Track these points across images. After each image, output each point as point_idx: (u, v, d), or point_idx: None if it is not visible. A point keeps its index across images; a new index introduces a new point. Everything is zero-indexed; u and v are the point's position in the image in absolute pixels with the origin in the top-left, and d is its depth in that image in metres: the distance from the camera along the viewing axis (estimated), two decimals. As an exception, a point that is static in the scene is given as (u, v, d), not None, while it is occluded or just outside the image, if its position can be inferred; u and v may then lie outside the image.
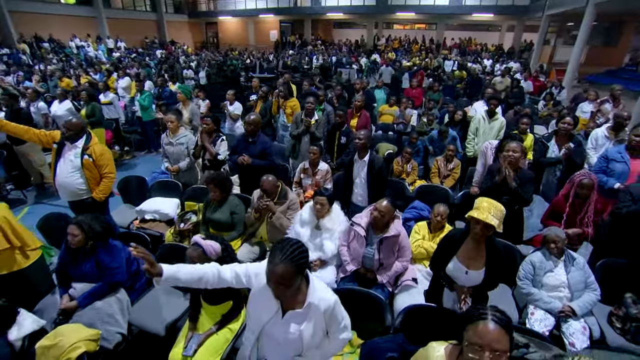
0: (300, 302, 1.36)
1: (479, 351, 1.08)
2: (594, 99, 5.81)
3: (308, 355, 1.39)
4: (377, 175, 2.90)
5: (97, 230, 2.18)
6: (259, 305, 1.41)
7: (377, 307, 2.05)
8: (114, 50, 18.09)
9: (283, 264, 1.21)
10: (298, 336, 1.34)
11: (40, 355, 1.74)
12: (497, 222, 1.68)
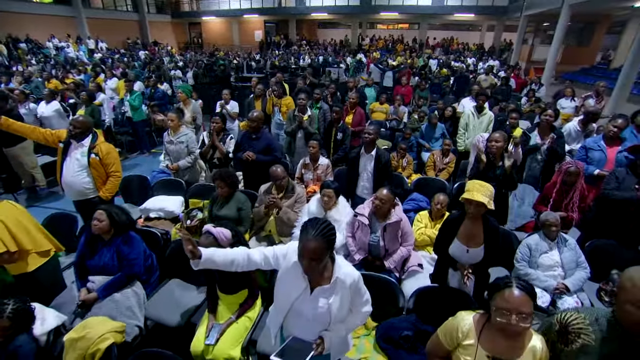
0: (327, 278, 1.45)
1: (507, 315, 1.20)
2: (571, 95, 6.17)
3: (334, 328, 1.49)
4: (384, 168, 3.03)
5: (122, 220, 2.22)
6: (287, 285, 1.49)
7: (390, 290, 2.17)
8: (95, 51, 17.64)
9: (315, 239, 1.30)
10: (327, 310, 1.44)
11: (69, 348, 1.77)
12: (487, 199, 1.85)
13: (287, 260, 1.47)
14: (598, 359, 1.16)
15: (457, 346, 1.38)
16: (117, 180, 3.20)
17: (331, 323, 1.46)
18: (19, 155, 4.65)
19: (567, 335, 1.23)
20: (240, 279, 2.15)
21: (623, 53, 15.14)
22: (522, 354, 1.26)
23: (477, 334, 1.33)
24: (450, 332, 1.40)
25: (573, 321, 1.23)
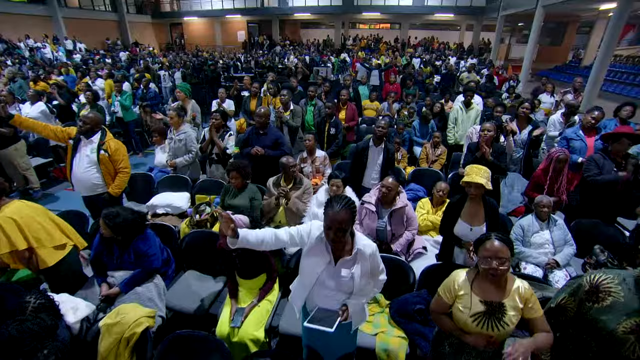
0: (348, 251, 1.59)
1: (489, 261, 1.44)
2: (551, 90, 6.59)
3: (356, 297, 1.64)
4: (391, 160, 3.21)
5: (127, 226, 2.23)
6: (313, 259, 1.62)
7: (400, 269, 2.33)
8: (73, 52, 17.13)
9: (342, 210, 1.45)
10: (350, 279, 1.58)
11: (105, 332, 1.84)
12: (485, 180, 2.08)
13: (311, 237, 1.61)
14: (626, 314, 1.32)
15: (455, 299, 1.57)
16: (126, 176, 3.25)
17: (354, 291, 1.60)
18: (13, 157, 4.57)
19: (597, 294, 1.38)
20: (259, 264, 2.27)
21: (592, 52, 16.02)
22: (508, 295, 1.48)
23: (470, 284, 1.54)
24: (449, 287, 1.59)
25: (603, 281, 1.39)
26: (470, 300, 1.50)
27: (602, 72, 9.66)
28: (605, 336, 1.37)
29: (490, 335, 1.48)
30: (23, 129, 3.19)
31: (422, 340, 2.02)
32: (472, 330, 1.51)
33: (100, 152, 3.08)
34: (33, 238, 2.21)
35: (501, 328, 1.47)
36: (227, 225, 1.44)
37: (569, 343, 1.53)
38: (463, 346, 1.60)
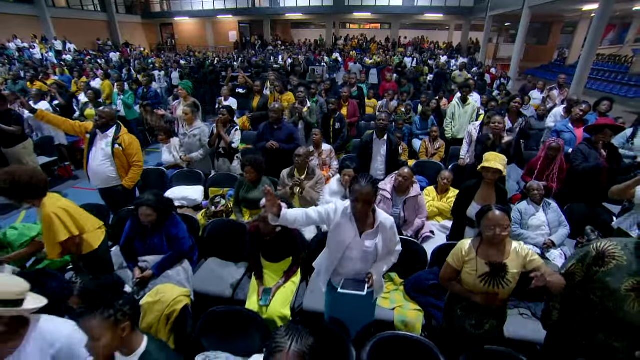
0: (371, 224, 1.77)
1: (492, 229, 1.64)
2: (541, 88, 6.93)
3: (378, 265, 1.83)
4: (395, 151, 3.40)
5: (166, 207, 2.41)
6: (340, 234, 1.78)
7: (413, 250, 2.52)
8: (63, 53, 16.91)
9: (369, 185, 1.64)
10: (374, 249, 1.76)
11: (147, 310, 1.97)
12: (502, 167, 2.29)
13: (337, 215, 1.78)
14: (627, 274, 1.52)
15: (463, 264, 1.76)
16: (139, 170, 3.37)
17: (377, 260, 1.79)
18: (21, 155, 4.60)
19: (603, 259, 1.57)
20: (287, 248, 2.43)
21: (576, 51, 16.60)
22: (509, 256, 1.70)
23: (475, 250, 1.74)
24: (457, 255, 1.79)
25: (609, 248, 1.58)
26: (477, 264, 1.70)
27: (586, 70, 10.08)
28: (610, 295, 1.57)
29: (496, 292, 1.68)
30: (45, 122, 3.29)
31: (436, 311, 2.21)
32: (480, 290, 1.71)
33: (114, 146, 3.20)
34: (82, 224, 2.34)
35: (505, 285, 1.67)
36: (272, 203, 1.59)
37: (577, 304, 1.74)
38: (472, 308, 1.80)
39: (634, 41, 16.22)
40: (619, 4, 10.10)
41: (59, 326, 1.36)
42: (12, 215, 4.54)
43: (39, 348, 1.30)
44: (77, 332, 1.39)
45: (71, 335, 1.36)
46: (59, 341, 1.31)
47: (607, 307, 1.61)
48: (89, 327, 1.20)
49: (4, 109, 4.45)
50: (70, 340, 1.34)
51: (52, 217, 2.14)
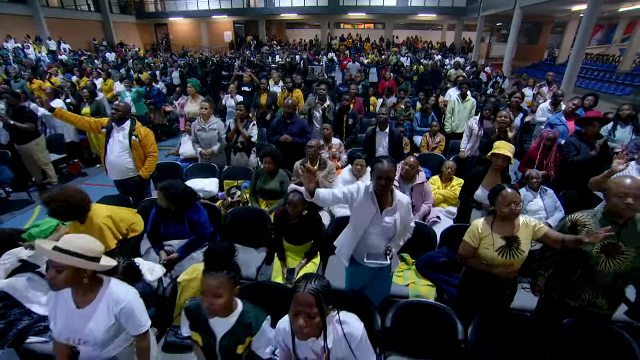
0: (390, 202, 1.97)
1: (507, 205, 1.83)
2: (533, 84, 7.24)
3: (396, 239, 2.03)
4: (397, 143, 3.60)
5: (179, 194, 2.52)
6: (363, 211, 1.97)
7: (423, 232, 2.72)
8: (58, 53, 16.81)
9: (390, 164, 1.85)
10: (393, 225, 1.96)
11: (184, 287, 2.14)
12: (511, 154, 2.49)
13: (360, 194, 1.97)
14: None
15: (479, 241, 1.95)
16: (155, 159, 3.54)
17: (395, 235, 1.99)
18: (34, 152, 4.70)
19: (576, 227, 1.83)
20: (308, 232, 2.61)
21: (565, 50, 17.06)
22: (519, 229, 1.89)
23: (490, 227, 1.93)
24: (473, 233, 1.98)
25: (580, 217, 1.85)
26: (493, 239, 1.90)
27: (575, 69, 10.44)
28: (585, 257, 1.81)
29: (512, 263, 1.88)
30: (64, 120, 3.42)
31: (447, 286, 2.41)
32: (497, 262, 1.90)
33: (132, 138, 3.37)
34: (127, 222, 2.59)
35: (519, 255, 1.88)
36: (310, 179, 1.78)
37: (560, 268, 1.97)
38: (489, 281, 2.00)
39: (621, 41, 16.75)
40: (606, 5, 10.49)
41: (125, 290, 1.52)
42: (27, 210, 4.64)
43: (107, 305, 1.47)
44: (137, 298, 1.56)
45: (133, 299, 1.52)
46: (123, 302, 1.47)
47: (585, 269, 1.84)
48: (214, 285, 1.36)
49: (17, 107, 4.56)
50: (132, 304, 1.51)
51: (102, 228, 2.36)
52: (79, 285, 1.43)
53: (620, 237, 1.74)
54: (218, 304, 1.37)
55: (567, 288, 1.97)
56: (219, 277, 1.37)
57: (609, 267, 1.78)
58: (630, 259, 1.75)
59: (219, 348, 1.48)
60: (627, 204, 1.66)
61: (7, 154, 4.63)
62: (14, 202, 4.74)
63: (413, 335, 1.97)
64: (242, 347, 1.45)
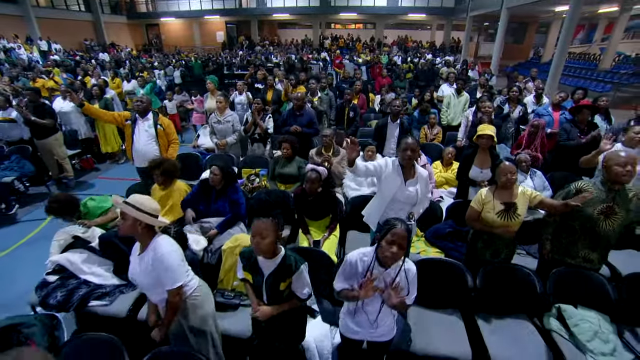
0: (412, 174, 2.32)
1: (505, 175, 2.19)
2: (522, 80, 7.73)
3: (416, 208, 2.38)
4: (406, 132, 3.95)
5: (232, 172, 2.88)
6: (389, 182, 2.32)
7: (432, 208, 3.06)
8: (49, 53, 16.70)
9: (413, 139, 2.21)
10: (415, 194, 2.30)
11: (228, 254, 2.43)
12: (493, 133, 2.91)
13: (387, 167, 2.33)
14: (598, 202, 2.12)
15: (483, 206, 2.31)
16: (177, 146, 3.88)
17: (417, 202, 2.33)
18: (53, 146, 4.89)
19: (581, 192, 2.17)
20: (325, 207, 2.93)
21: (550, 49, 17.75)
22: (517, 197, 2.25)
23: (492, 194, 2.29)
24: (478, 199, 2.33)
25: (583, 185, 2.21)
26: (494, 204, 2.26)
27: (559, 67, 11.01)
28: (587, 219, 2.17)
29: (509, 225, 2.24)
30: (90, 114, 3.67)
31: (454, 252, 2.76)
32: (497, 224, 2.26)
33: (157, 127, 3.67)
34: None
35: (515, 219, 2.24)
36: (352, 150, 2.12)
37: (562, 230, 2.33)
38: (490, 241, 2.36)
39: (601, 40, 17.54)
40: (586, 6, 11.09)
41: (168, 244, 1.75)
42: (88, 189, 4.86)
43: (150, 254, 1.72)
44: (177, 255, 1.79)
45: (170, 253, 1.74)
46: (160, 253, 1.70)
47: (585, 230, 2.21)
48: (262, 227, 1.64)
49: (38, 103, 4.75)
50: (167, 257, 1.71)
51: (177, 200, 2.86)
52: (136, 233, 1.71)
53: (615, 200, 2.12)
54: (264, 244, 1.65)
55: (567, 248, 2.33)
56: (266, 221, 1.65)
57: (607, 226, 2.14)
58: (621, 219, 2.13)
59: (266, 285, 1.77)
60: (627, 171, 2.04)
61: (29, 149, 4.82)
62: (34, 196, 4.92)
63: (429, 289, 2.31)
64: (284, 285, 1.75)
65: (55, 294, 2.39)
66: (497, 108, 5.14)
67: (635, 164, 2.04)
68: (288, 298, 1.80)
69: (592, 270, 2.27)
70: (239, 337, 2.19)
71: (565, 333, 2.10)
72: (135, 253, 1.80)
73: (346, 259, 1.68)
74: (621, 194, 2.12)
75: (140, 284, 1.82)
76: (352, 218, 3.13)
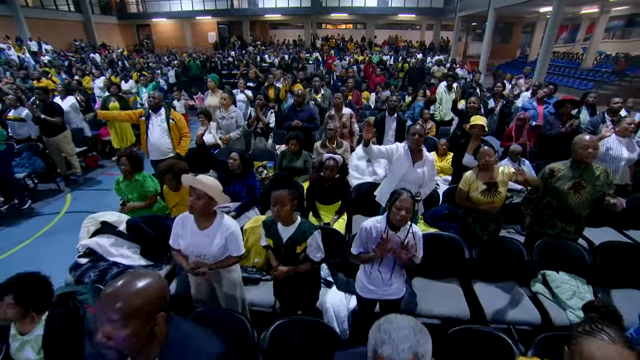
0: (420, 157, 2.62)
1: (485, 158, 2.49)
2: (509, 79, 8.13)
3: (423, 189, 2.67)
4: (403, 126, 4.24)
5: (249, 159, 3.11)
6: (399, 164, 2.61)
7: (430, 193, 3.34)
8: (40, 54, 16.57)
9: (420, 126, 2.50)
10: (422, 175, 2.59)
11: (250, 233, 2.66)
12: (484, 123, 3.21)
13: (398, 151, 2.63)
14: (568, 179, 2.43)
15: (469, 186, 2.60)
16: (188, 139, 4.10)
17: (423, 183, 2.61)
18: (62, 144, 5.05)
19: (553, 172, 2.50)
20: (338, 193, 3.19)
21: (535, 49, 18.37)
22: (497, 176, 2.55)
23: (476, 176, 2.59)
24: (465, 180, 2.63)
25: (555, 165, 2.52)
26: (477, 184, 2.56)
27: (544, 65, 11.49)
28: (560, 194, 2.49)
29: (493, 202, 2.54)
30: (107, 119, 3.87)
31: (450, 230, 3.04)
32: (482, 201, 2.56)
33: (170, 122, 3.90)
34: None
35: (497, 195, 2.55)
36: (369, 130, 2.40)
37: (541, 206, 2.65)
38: (479, 216, 2.66)
39: (583, 40, 18.22)
40: (568, 7, 11.60)
41: (233, 221, 2.03)
42: (60, 197, 4.99)
43: (220, 230, 1.97)
44: (239, 229, 2.07)
45: (237, 228, 2.02)
46: (231, 228, 1.98)
47: (560, 204, 2.53)
48: (281, 197, 1.89)
49: (47, 102, 4.89)
50: (236, 231, 2.01)
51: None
52: (205, 212, 1.94)
53: (582, 177, 2.43)
54: (283, 211, 1.92)
55: (547, 221, 2.64)
56: (283, 192, 1.91)
57: (576, 199, 2.46)
58: (587, 193, 2.44)
59: (284, 248, 2.03)
60: (589, 153, 2.35)
61: (39, 146, 4.96)
62: (46, 192, 5.07)
63: (431, 261, 2.59)
64: (300, 248, 2.01)
65: (88, 273, 2.59)
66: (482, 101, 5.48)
67: (596, 147, 2.39)
68: (304, 261, 2.06)
69: (570, 240, 2.59)
70: (261, 306, 2.43)
71: (549, 294, 2.40)
72: (191, 230, 2.00)
73: (362, 227, 1.94)
74: (587, 172, 2.44)
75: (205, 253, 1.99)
76: (357, 203, 3.40)
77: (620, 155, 3.31)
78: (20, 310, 1.68)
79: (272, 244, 2.09)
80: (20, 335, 1.74)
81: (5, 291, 1.67)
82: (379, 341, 0.93)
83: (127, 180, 3.06)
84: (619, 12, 15.58)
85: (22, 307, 1.68)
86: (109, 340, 0.91)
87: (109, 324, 0.91)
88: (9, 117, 4.91)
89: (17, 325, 1.74)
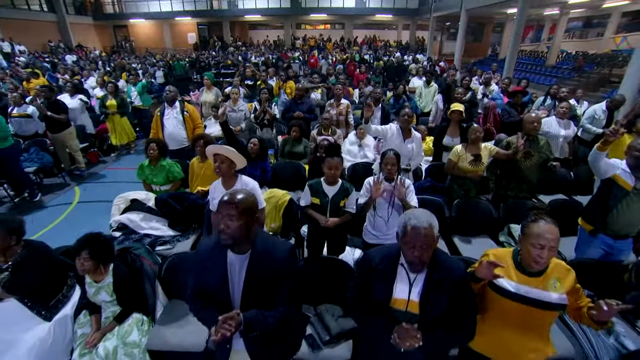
0: (410, 135, 3.18)
1: (472, 135, 3.06)
2: (480, 74, 8.90)
3: (413, 162, 3.24)
4: (387, 115, 4.78)
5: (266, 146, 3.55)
6: (393, 140, 3.15)
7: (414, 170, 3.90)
8: (14, 55, 16.14)
9: (410, 109, 3.06)
10: (412, 149, 3.15)
11: (265, 202, 3.11)
12: (462, 108, 3.77)
13: (391, 130, 3.17)
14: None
15: (458, 158, 3.16)
16: (201, 129, 4.48)
17: (412, 157, 3.16)
18: (67, 140, 5.28)
19: (509, 144, 3.10)
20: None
21: (505, 47, 19.57)
22: (482, 150, 3.12)
23: (465, 149, 3.15)
24: (454, 153, 3.19)
25: (511, 139, 3.14)
26: (466, 156, 3.12)
27: (512, 63, 12.42)
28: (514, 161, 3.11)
29: (477, 170, 3.12)
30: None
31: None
32: (468, 169, 3.13)
33: (184, 113, 4.28)
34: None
35: (481, 165, 3.12)
36: (369, 110, 2.94)
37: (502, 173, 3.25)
38: (463, 183, 3.23)
39: (547, 39, 19.58)
40: (533, 9, 12.59)
41: (251, 179, 2.48)
42: (68, 190, 5.23)
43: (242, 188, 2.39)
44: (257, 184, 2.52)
45: (255, 184, 2.47)
46: (250, 184, 2.42)
47: (515, 169, 3.14)
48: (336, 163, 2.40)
49: (53, 99, 5.11)
50: (255, 186, 2.45)
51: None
52: (229, 174, 2.39)
53: (531, 146, 3.05)
54: (337, 175, 2.44)
55: (507, 185, 3.25)
56: (339, 158, 2.43)
57: (527, 164, 3.08)
58: (535, 159, 3.07)
59: (330, 204, 2.50)
60: (534, 127, 2.99)
61: (46, 142, 5.18)
62: (52, 186, 5.28)
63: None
64: (343, 202, 2.51)
65: (125, 242, 2.97)
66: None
67: (539, 121, 3.07)
68: (343, 213, 2.55)
69: (527, 199, 3.21)
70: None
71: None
72: (220, 192, 2.42)
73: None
74: (535, 142, 3.10)
75: None
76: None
77: (558, 133, 4.01)
78: (94, 262, 2.06)
79: (318, 202, 2.55)
80: (95, 282, 2.13)
81: (82, 247, 2.05)
82: (407, 219, 1.44)
83: (152, 165, 3.43)
84: (577, 14, 16.93)
85: (95, 259, 2.07)
86: (228, 229, 1.37)
87: (227, 218, 1.37)
88: (14, 114, 5.09)
89: (91, 275, 2.13)
